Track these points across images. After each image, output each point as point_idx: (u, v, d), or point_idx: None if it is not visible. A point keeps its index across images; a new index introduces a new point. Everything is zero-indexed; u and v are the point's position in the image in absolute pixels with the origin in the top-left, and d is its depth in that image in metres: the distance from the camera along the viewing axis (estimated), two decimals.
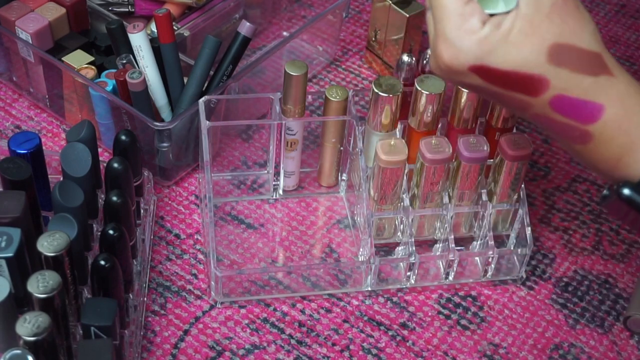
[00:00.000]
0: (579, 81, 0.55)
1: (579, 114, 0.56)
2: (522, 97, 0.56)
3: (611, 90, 0.56)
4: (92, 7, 0.90)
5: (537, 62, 0.55)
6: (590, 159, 0.58)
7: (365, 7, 1.06)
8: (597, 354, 0.75)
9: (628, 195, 0.56)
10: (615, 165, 0.57)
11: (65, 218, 0.64)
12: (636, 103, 0.57)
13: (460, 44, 0.55)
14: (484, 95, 0.60)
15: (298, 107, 0.79)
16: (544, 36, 0.54)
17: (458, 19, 0.54)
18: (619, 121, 0.56)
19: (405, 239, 0.77)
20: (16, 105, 0.92)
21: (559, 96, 0.56)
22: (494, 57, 0.55)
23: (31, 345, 0.56)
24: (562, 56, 0.55)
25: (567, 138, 0.58)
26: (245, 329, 0.75)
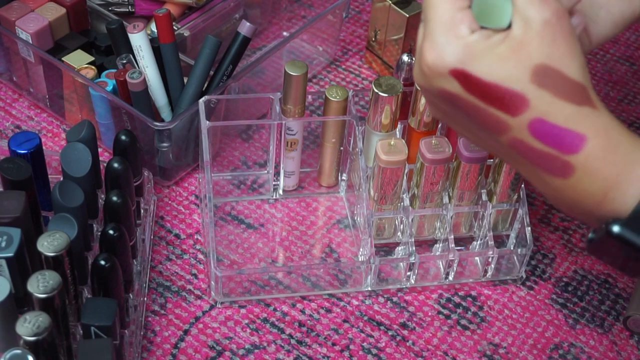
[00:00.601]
0: (560, 107, 0.53)
1: (560, 142, 0.53)
2: (499, 115, 0.54)
3: (594, 121, 0.54)
4: (92, 7, 0.90)
5: (519, 78, 0.53)
6: (572, 195, 0.55)
7: (365, 7, 1.06)
8: (597, 353, 0.75)
9: (619, 233, 0.52)
10: (601, 201, 0.54)
11: (65, 218, 0.64)
12: (621, 134, 0.54)
13: (445, 45, 0.54)
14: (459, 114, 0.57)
15: (298, 107, 0.79)
16: (531, 54, 0.53)
17: (448, 22, 0.54)
18: (603, 152, 0.53)
19: (405, 239, 0.77)
20: (16, 105, 0.92)
21: (538, 120, 0.53)
22: (477, 64, 0.53)
23: (31, 345, 0.56)
24: (546, 78, 0.53)
25: (547, 170, 0.55)
26: (245, 329, 0.75)
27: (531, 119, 0.53)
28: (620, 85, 0.99)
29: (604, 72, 1.00)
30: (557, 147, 0.54)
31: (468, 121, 0.57)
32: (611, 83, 0.99)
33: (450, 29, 0.54)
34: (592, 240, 0.54)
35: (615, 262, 0.55)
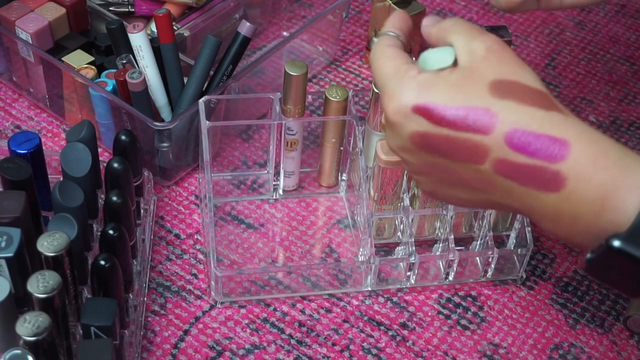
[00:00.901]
0: (530, 113, 0.52)
1: (543, 150, 0.52)
2: (474, 138, 0.53)
3: (570, 126, 0.52)
4: (92, 7, 0.90)
5: (479, 95, 0.53)
6: (569, 209, 0.52)
7: (365, 7, 1.06)
8: (597, 353, 0.75)
9: (620, 247, 0.50)
10: (600, 210, 0.51)
11: (65, 218, 0.64)
12: (603, 138, 0.52)
13: (400, 89, 0.55)
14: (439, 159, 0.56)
15: (298, 107, 0.79)
16: (483, 74, 0.54)
17: (396, 73, 0.56)
18: (592, 157, 0.51)
19: (405, 239, 0.77)
20: (16, 105, 0.92)
21: (513, 131, 0.52)
22: (435, 95, 0.54)
23: (31, 345, 0.56)
24: (505, 89, 0.53)
25: (539, 187, 0.53)
26: (245, 329, 0.75)
27: (505, 131, 0.52)
28: (620, 85, 0.99)
29: (604, 72, 1.00)
30: (542, 157, 0.52)
31: (450, 164, 0.55)
32: (611, 83, 0.99)
33: (400, 77, 0.55)
34: (591, 259, 0.52)
35: (614, 281, 0.53)
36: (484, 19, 1.06)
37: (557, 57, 1.02)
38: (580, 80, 0.99)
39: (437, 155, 0.55)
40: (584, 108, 0.96)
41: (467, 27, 0.57)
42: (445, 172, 0.56)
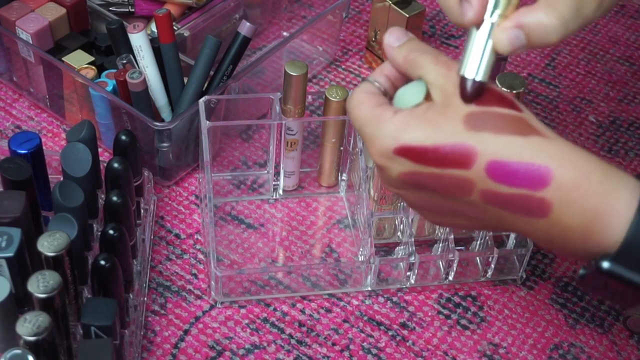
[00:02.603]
0: (507, 142, 0.52)
1: (524, 179, 0.52)
2: (458, 174, 0.54)
3: (551, 150, 0.52)
4: (92, 7, 0.90)
5: (455, 131, 0.53)
6: (558, 234, 0.53)
7: (365, 7, 1.06)
8: (597, 353, 0.75)
9: (608, 269, 0.51)
10: (587, 234, 0.52)
11: (65, 218, 0.64)
12: (586, 161, 0.53)
13: (378, 134, 0.56)
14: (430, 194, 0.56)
15: (298, 107, 0.79)
16: (457, 109, 0.54)
17: (371, 118, 0.56)
18: (575, 181, 0.52)
19: (405, 239, 0.77)
20: (16, 105, 0.92)
21: (493, 163, 0.52)
22: (412, 134, 0.54)
23: (31, 345, 0.56)
24: (480, 121, 0.53)
25: (527, 214, 0.53)
26: (245, 329, 0.75)
27: (486, 164, 0.53)
28: (620, 85, 0.99)
29: (604, 72, 1.00)
30: (524, 186, 0.52)
31: (442, 197, 0.56)
32: (611, 83, 0.99)
33: (376, 121, 0.56)
34: (583, 276, 0.53)
35: (607, 296, 0.54)
36: None
37: (557, 57, 1.02)
38: (580, 80, 1.00)
39: (428, 190, 0.56)
40: (584, 108, 0.96)
41: (434, 62, 0.56)
42: (441, 204, 0.57)
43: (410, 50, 0.58)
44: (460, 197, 0.55)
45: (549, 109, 0.95)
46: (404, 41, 0.58)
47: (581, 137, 0.93)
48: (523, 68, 1.00)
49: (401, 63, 0.58)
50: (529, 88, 0.97)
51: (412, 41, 0.58)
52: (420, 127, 0.54)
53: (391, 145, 0.55)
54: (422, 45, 0.58)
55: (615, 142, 0.93)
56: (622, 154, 0.91)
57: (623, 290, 0.52)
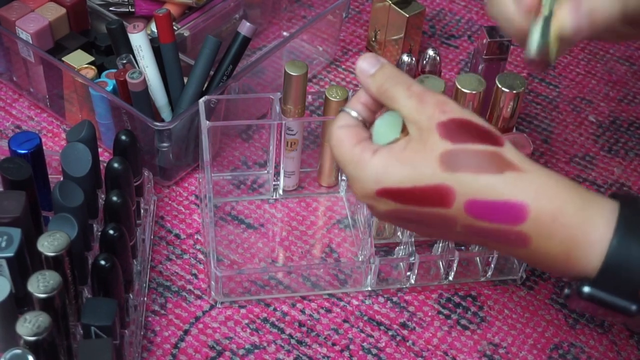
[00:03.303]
0: (483, 182, 0.54)
1: (502, 216, 0.54)
2: (439, 211, 0.56)
3: (526, 185, 0.54)
4: (92, 7, 0.90)
5: (432, 173, 0.55)
6: (540, 259, 0.56)
7: (365, 7, 1.06)
8: (597, 353, 0.75)
9: (589, 293, 0.54)
10: (567, 261, 0.55)
11: (65, 218, 0.64)
12: (562, 191, 0.55)
13: (359, 177, 0.57)
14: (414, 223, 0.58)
15: (298, 107, 0.79)
16: (432, 147, 0.55)
17: (351, 160, 0.57)
18: (551, 215, 0.54)
19: (405, 239, 0.77)
20: (16, 105, 0.92)
21: (471, 202, 0.54)
22: (391, 178, 0.56)
23: (31, 345, 0.56)
24: (455, 161, 0.54)
25: (508, 244, 0.55)
26: (245, 329, 0.75)
27: (464, 203, 0.55)
28: (620, 85, 0.99)
29: (604, 72, 1.00)
30: (502, 222, 0.54)
31: (426, 226, 0.58)
32: (611, 83, 0.99)
33: (356, 163, 0.57)
34: (567, 296, 0.56)
35: (594, 314, 0.57)
36: (484, 19, 1.06)
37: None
38: (580, 80, 1.00)
39: (415, 222, 0.58)
40: (584, 108, 0.96)
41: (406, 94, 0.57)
42: (430, 231, 0.59)
43: (383, 81, 0.58)
44: (446, 226, 0.57)
45: (549, 109, 0.95)
46: (377, 69, 0.59)
47: (581, 137, 0.93)
48: (523, 68, 1.00)
49: (375, 93, 0.59)
50: (529, 88, 0.97)
51: (384, 69, 0.59)
52: (398, 169, 0.56)
53: (373, 189, 0.57)
54: (395, 73, 0.58)
55: (615, 142, 0.93)
56: (622, 154, 0.91)
57: (604, 312, 0.55)
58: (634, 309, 0.54)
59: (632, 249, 0.53)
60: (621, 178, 0.89)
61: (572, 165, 0.90)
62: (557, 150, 0.91)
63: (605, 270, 0.53)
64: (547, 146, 0.91)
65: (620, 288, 0.54)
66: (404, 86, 0.57)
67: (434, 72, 0.84)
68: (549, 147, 0.91)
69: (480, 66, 0.86)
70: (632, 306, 0.54)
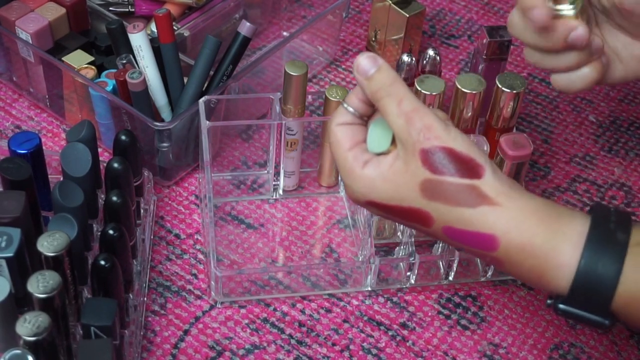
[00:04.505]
0: (458, 214, 0.57)
1: (476, 243, 0.58)
2: (419, 227, 0.60)
3: (497, 219, 0.57)
4: (92, 7, 0.90)
5: (413, 197, 0.58)
6: (514, 274, 0.60)
7: (365, 7, 1.06)
8: (597, 353, 0.75)
9: (563, 310, 0.58)
10: (539, 282, 0.58)
11: (65, 218, 0.64)
12: (533, 225, 0.57)
13: (351, 185, 0.61)
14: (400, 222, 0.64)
15: (298, 107, 0.79)
16: (415, 172, 0.58)
17: (345, 166, 0.60)
18: (520, 246, 0.57)
19: (405, 239, 0.77)
20: (16, 105, 0.92)
21: (447, 228, 0.58)
22: (378, 194, 0.59)
23: (31, 345, 0.56)
24: (434, 191, 0.57)
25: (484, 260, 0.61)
26: (245, 329, 0.75)
27: (441, 228, 0.59)
28: (620, 85, 0.99)
29: None
30: (477, 247, 0.58)
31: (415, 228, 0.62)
32: None
33: (348, 171, 0.60)
34: (549, 305, 0.59)
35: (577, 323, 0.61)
36: (484, 18, 1.06)
37: None
38: None
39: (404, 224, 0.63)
40: (584, 108, 0.96)
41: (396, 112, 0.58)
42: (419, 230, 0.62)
43: (376, 89, 0.59)
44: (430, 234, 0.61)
45: (549, 109, 0.95)
46: (373, 73, 0.59)
47: (581, 137, 0.93)
48: (523, 68, 1.00)
49: (370, 97, 0.60)
50: (529, 88, 0.97)
51: (381, 74, 0.59)
52: (384, 188, 0.59)
53: (361, 200, 0.61)
54: (390, 80, 0.59)
55: (615, 142, 0.93)
56: (622, 154, 0.91)
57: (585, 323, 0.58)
58: (607, 324, 0.57)
59: (598, 269, 0.56)
60: (621, 178, 0.89)
61: (572, 165, 0.90)
62: (557, 150, 0.91)
63: (575, 290, 0.56)
64: (547, 146, 0.91)
65: (592, 304, 0.57)
66: (395, 101, 0.58)
67: (434, 72, 0.84)
68: (549, 147, 0.91)
69: (481, 66, 0.86)
70: (605, 321, 0.57)
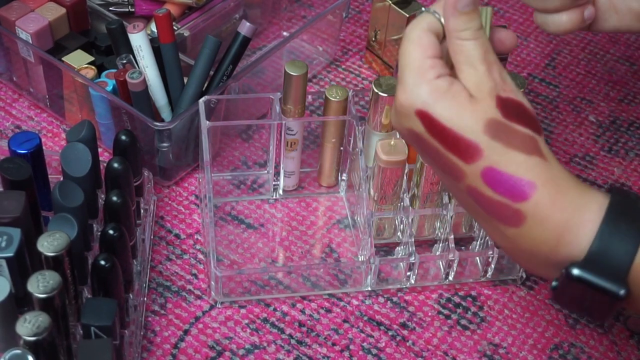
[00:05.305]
0: (511, 157, 0.56)
1: (510, 190, 0.56)
2: (456, 162, 0.57)
3: (543, 170, 0.57)
4: (92, 7, 0.90)
5: (473, 129, 0.56)
6: (527, 245, 0.57)
7: (365, 7, 1.06)
8: (597, 353, 0.75)
9: (578, 275, 0.55)
10: (555, 246, 0.56)
11: (65, 218, 0.64)
12: (569, 183, 0.57)
13: (413, 87, 0.58)
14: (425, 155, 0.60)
15: (298, 107, 0.79)
16: (484, 109, 0.57)
17: (417, 68, 0.58)
18: (552, 199, 0.56)
19: (405, 239, 0.77)
20: (16, 105, 0.92)
21: (490, 168, 0.56)
22: (438, 108, 0.57)
23: (31, 345, 0.56)
24: (498, 131, 0.57)
25: (501, 220, 0.57)
26: (245, 329, 0.75)
27: (484, 167, 0.57)
28: (620, 85, 0.99)
29: (604, 72, 1.00)
30: (507, 196, 0.56)
31: (434, 165, 0.60)
32: (611, 83, 0.99)
33: (419, 73, 0.58)
34: (555, 287, 0.57)
35: (579, 307, 0.58)
36: None
37: (557, 57, 1.02)
38: (580, 80, 0.99)
39: (429, 156, 0.60)
40: (584, 108, 0.96)
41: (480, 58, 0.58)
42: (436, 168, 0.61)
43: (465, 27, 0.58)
44: (449, 178, 0.59)
45: (549, 109, 0.95)
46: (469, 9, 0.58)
47: (581, 137, 0.93)
48: (523, 68, 1.00)
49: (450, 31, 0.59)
50: (529, 88, 0.97)
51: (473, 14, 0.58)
52: (448, 105, 0.57)
53: (417, 105, 0.57)
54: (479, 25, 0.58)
55: (615, 142, 0.93)
56: (622, 153, 0.91)
57: (592, 298, 0.56)
58: (622, 293, 0.54)
59: (621, 231, 0.54)
60: (621, 178, 0.89)
61: (572, 165, 0.90)
62: (557, 150, 0.91)
63: (595, 252, 0.55)
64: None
65: (609, 271, 0.55)
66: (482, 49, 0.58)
67: None
68: (549, 147, 0.91)
69: None
70: (620, 290, 0.54)
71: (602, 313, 0.57)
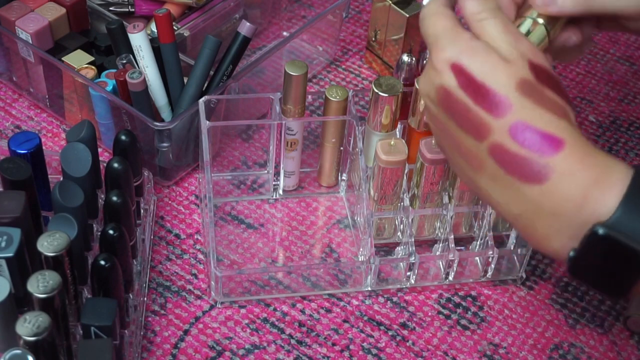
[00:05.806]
0: (541, 114, 0.56)
1: (538, 144, 0.56)
2: (484, 116, 0.57)
3: (572, 133, 0.56)
4: (92, 7, 0.90)
5: (506, 84, 0.57)
6: (550, 203, 0.55)
7: (365, 7, 1.06)
8: (597, 353, 0.75)
9: (606, 234, 0.53)
10: (581, 204, 0.54)
11: (65, 218, 0.64)
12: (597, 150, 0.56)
13: (450, 42, 0.59)
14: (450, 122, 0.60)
15: (298, 107, 0.79)
16: (518, 69, 0.58)
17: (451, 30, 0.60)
18: (580, 156, 0.55)
19: (405, 239, 0.77)
20: (16, 105, 0.92)
21: (520, 122, 0.56)
22: (473, 61, 0.58)
23: (31, 345, 0.56)
24: (530, 91, 0.57)
25: (523, 177, 0.56)
26: (245, 329, 0.75)
27: (513, 121, 0.56)
28: (620, 85, 0.99)
29: (604, 72, 1.00)
30: (535, 149, 0.56)
31: (456, 130, 0.59)
32: (611, 83, 0.99)
33: (454, 34, 0.59)
34: (573, 257, 0.54)
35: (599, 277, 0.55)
36: None
37: None
38: (580, 80, 1.00)
39: (449, 116, 0.59)
40: (584, 108, 0.96)
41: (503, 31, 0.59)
42: (451, 136, 0.60)
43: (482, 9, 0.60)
44: (472, 137, 0.58)
45: None
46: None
47: None
48: None
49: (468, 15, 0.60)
50: None
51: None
52: (483, 62, 0.58)
53: (453, 58, 0.58)
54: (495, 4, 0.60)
55: (615, 142, 0.93)
56: (622, 153, 0.91)
57: (615, 264, 0.54)
58: None
59: None
60: None
61: None
62: None
63: (624, 211, 0.53)
64: None
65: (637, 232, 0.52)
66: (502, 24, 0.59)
67: None
68: None
69: None
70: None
71: (622, 284, 0.55)
